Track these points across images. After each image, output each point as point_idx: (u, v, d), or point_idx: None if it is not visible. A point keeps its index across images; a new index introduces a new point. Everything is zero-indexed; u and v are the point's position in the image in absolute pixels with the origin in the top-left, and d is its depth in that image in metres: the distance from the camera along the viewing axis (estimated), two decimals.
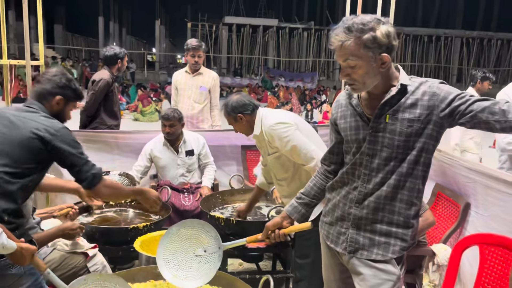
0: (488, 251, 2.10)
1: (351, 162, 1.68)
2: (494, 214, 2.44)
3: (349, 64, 1.51)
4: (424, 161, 1.58)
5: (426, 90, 1.54)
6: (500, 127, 1.42)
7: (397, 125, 1.54)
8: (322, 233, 1.85)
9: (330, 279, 1.88)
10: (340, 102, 1.76)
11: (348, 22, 1.50)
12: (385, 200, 1.61)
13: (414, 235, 1.67)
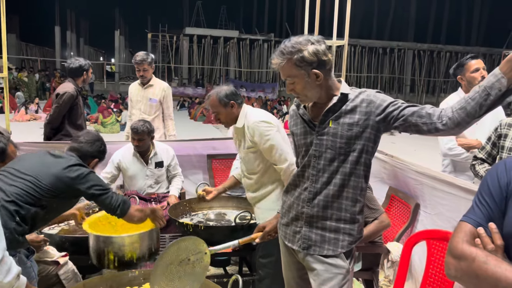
0: (434, 245, 2.32)
1: (301, 165, 1.87)
2: (439, 213, 2.68)
3: (289, 81, 1.74)
4: (364, 162, 1.77)
5: (364, 98, 1.75)
6: (427, 128, 1.62)
7: (339, 129, 1.74)
8: (280, 233, 2.01)
9: (289, 276, 2.04)
10: (292, 113, 1.98)
11: (282, 46, 1.73)
12: (333, 198, 1.79)
13: (360, 230, 1.86)
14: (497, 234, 1.12)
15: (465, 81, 3.07)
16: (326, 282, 1.79)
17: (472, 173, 2.77)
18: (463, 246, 1.13)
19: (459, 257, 1.13)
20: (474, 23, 34.19)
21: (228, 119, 2.56)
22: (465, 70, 3.04)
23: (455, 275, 1.14)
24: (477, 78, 3.01)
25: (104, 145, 2.43)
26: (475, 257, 1.08)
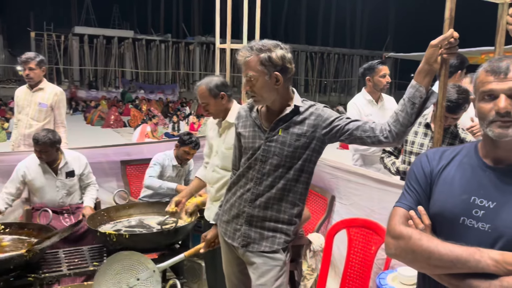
0: (354, 232, 2.55)
1: (246, 166, 1.93)
2: (353, 203, 2.93)
3: (249, 76, 1.78)
4: (307, 170, 1.89)
5: (313, 111, 1.87)
6: (371, 141, 1.78)
7: (288, 138, 1.84)
8: (220, 230, 2.05)
9: (230, 272, 2.10)
10: (241, 114, 2.02)
11: (252, 43, 1.78)
12: (274, 200, 1.88)
13: (296, 231, 1.98)
14: (425, 215, 1.29)
15: (372, 83, 3.39)
16: (264, 274, 1.88)
17: (379, 165, 3.08)
18: (400, 228, 1.28)
19: (397, 237, 1.27)
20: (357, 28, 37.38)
21: (217, 111, 2.49)
22: (374, 73, 3.36)
23: (394, 252, 1.29)
24: (383, 82, 3.36)
25: None
26: (411, 236, 1.24)
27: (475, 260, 1.13)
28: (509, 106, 1.15)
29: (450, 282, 1.19)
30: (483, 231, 1.19)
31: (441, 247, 1.18)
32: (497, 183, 1.21)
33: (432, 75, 1.70)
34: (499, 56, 1.24)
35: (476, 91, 1.25)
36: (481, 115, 1.22)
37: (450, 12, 1.73)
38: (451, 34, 1.63)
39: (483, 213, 1.20)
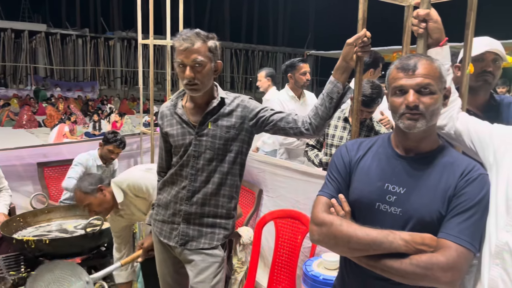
0: (281, 223, 2.64)
1: (178, 164, 1.91)
2: (280, 195, 3.03)
3: (197, 61, 1.74)
4: (240, 162, 1.93)
5: (239, 103, 1.90)
6: (293, 132, 1.86)
7: (218, 131, 1.85)
8: (155, 230, 2.02)
9: (165, 272, 2.07)
10: (165, 113, 1.98)
11: (193, 30, 1.77)
12: (211, 196, 1.89)
13: (234, 224, 2.01)
14: (345, 202, 1.39)
15: (294, 80, 3.52)
16: (203, 271, 1.88)
17: (303, 158, 3.21)
18: (322, 215, 1.37)
19: (320, 224, 1.36)
20: (280, 26, 38.23)
21: (103, 208, 2.41)
22: (295, 70, 3.48)
23: (318, 239, 1.37)
24: (303, 80, 3.50)
25: None
26: (333, 222, 1.33)
27: (389, 242, 1.23)
28: (417, 100, 1.27)
29: (368, 263, 1.29)
30: (396, 215, 1.30)
31: (359, 231, 1.27)
32: (407, 170, 1.33)
33: (349, 71, 1.81)
34: (408, 55, 1.36)
35: (389, 86, 1.36)
36: (393, 108, 1.34)
37: (362, 13, 1.85)
38: (364, 33, 1.75)
39: (395, 198, 1.31)
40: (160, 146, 2.04)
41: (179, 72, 1.80)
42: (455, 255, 1.19)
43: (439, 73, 1.30)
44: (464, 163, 1.31)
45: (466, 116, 1.56)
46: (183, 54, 1.75)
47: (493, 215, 1.24)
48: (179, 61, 1.77)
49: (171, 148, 1.98)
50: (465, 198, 1.25)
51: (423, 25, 1.62)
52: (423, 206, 1.27)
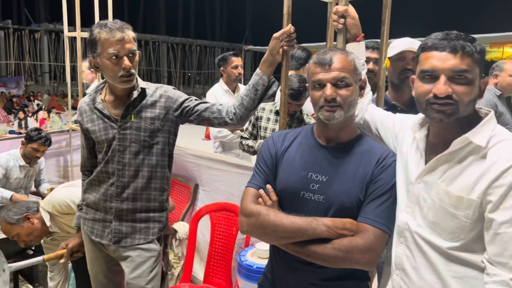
0: (215, 216, 2.66)
1: (104, 161, 1.86)
2: (215, 188, 3.05)
3: (132, 51, 1.73)
4: (168, 153, 1.92)
5: (162, 93, 1.88)
6: (218, 122, 1.88)
7: (142, 123, 1.82)
8: (85, 229, 1.96)
9: (97, 271, 2.01)
10: (84, 109, 1.91)
11: (116, 20, 1.74)
12: (142, 190, 1.86)
13: (167, 216, 2.00)
14: (273, 192, 1.45)
15: (226, 74, 3.54)
16: (139, 266, 1.86)
17: (238, 151, 3.25)
18: (250, 206, 1.41)
19: (248, 215, 1.40)
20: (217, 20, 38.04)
21: (33, 236, 2.33)
22: (227, 64, 3.50)
23: (246, 229, 1.41)
24: (235, 73, 3.53)
25: None
26: (260, 212, 1.37)
27: (312, 228, 1.30)
28: (334, 93, 1.35)
29: (294, 250, 1.35)
30: (319, 202, 1.37)
31: (285, 220, 1.33)
32: (329, 159, 1.41)
33: (275, 65, 1.87)
34: (325, 49, 1.43)
35: (309, 80, 1.43)
36: (313, 101, 1.41)
37: (287, 9, 1.91)
38: (289, 28, 1.81)
39: (318, 187, 1.38)
40: (82, 144, 1.97)
41: (112, 65, 1.72)
42: (372, 238, 1.28)
43: (354, 66, 1.38)
44: (379, 151, 1.41)
45: (374, 107, 1.68)
46: (119, 45, 1.70)
47: (397, 198, 1.35)
48: (113, 52, 1.70)
49: (93, 145, 1.92)
50: (380, 183, 1.34)
51: (342, 20, 1.71)
52: (343, 193, 1.35)
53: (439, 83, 1.16)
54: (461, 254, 1.18)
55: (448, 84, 1.16)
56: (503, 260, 1.09)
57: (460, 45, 1.15)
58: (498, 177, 1.10)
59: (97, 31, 1.71)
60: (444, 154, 1.21)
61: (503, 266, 1.09)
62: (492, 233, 1.11)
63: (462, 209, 1.16)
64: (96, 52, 1.73)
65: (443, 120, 1.18)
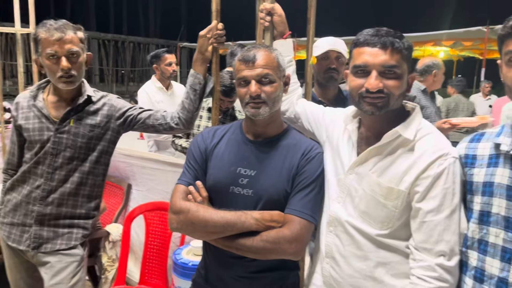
0: (150, 216, 2.62)
1: (33, 161, 1.77)
2: (150, 188, 3.00)
3: (72, 51, 1.68)
4: (104, 161, 1.87)
5: (106, 102, 1.85)
6: (163, 128, 1.87)
7: (80, 129, 1.77)
8: (2, 235, 1.84)
9: (16, 278, 1.91)
10: (21, 104, 1.83)
11: (60, 20, 1.70)
12: (69, 196, 1.79)
13: (94, 224, 1.94)
14: (202, 188, 1.45)
15: (160, 71, 3.49)
16: (59, 272, 1.78)
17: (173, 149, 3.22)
18: (180, 203, 1.41)
19: (178, 212, 1.39)
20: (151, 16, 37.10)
21: None
22: (160, 61, 3.45)
23: (176, 227, 1.41)
24: (169, 71, 3.48)
25: None
26: (189, 209, 1.38)
27: (241, 222, 1.33)
28: (258, 90, 1.38)
29: (224, 244, 1.37)
30: (248, 196, 1.40)
31: (214, 215, 1.34)
32: (256, 154, 1.44)
33: (207, 62, 1.87)
34: (249, 46, 1.46)
35: (235, 78, 1.45)
36: (240, 98, 1.43)
37: (216, 6, 1.92)
38: (216, 25, 1.82)
39: (247, 181, 1.41)
40: (13, 140, 1.87)
41: (50, 65, 1.69)
42: (299, 228, 1.33)
43: (277, 63, 1.42)
44: (304, 144, 1.46)
45: (305, 101, 1.74)
46: (56, 45, 1.66)
47: (328, 188, 1.41)
48: (51, 52, 1.67)
49: (24, 143, 1.82)
50: (305, 175, 1.40)
51: (269, 18, 1.75)
52: (271, 186, 1.39)
53: (370, 77, 1.23)
54: (388, 241, 1.26)
55: (379, 79, 1.22)
56: (429, 246, 1.19)
57: (389, 41, 1.22)
58: (425, 169, 1.19)
59: (38, 31, 1.68)
60: (375, 147, 1.28)
61: (428, 252, 1.19)
62: (419, 221, 1.20)
63: (391, 199, 1.24)
64: (38, 52, 1.71)
65: (375, 113, 1.25)
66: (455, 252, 1.18)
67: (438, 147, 1.21)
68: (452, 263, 1.18)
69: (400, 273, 1.25)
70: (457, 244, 1.18)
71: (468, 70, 9.89)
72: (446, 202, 1.18)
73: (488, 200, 1.18)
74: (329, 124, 1.52)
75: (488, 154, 1.22)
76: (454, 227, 1.18)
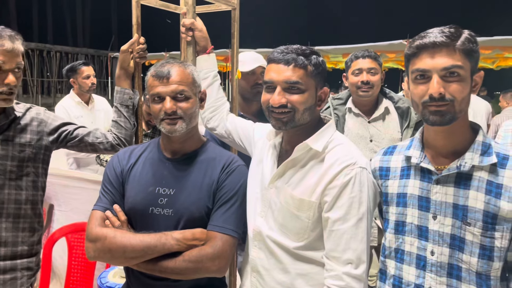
0: (73, 238, 2.47)
1: None
2: (74, 208, 2.84)
3: (19, 65, 1.48)
4: (41, 186, 1.65)
5: (34, 116, 1.63)
6: (103, 147, 1.75)
7: (9, 150, 1.55)
8: None
9: None
10: None
11: (6, 28, 1.48)
12: (6, 232, 1.55)
13: (39, 261, 1.70)
14: (121, 212, 1.40)
15: (77, 85, 3.33)
16: None
17: (95, 166, 3.09)
18: (96, 230, 1.34)
19: (94, 240, 1.33)
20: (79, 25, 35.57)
21: None
22: (77, 74, 3.29)
23: (94, 255, 1.34)
24: (88, 84, 3.33)
25: None
26: (106, 236, 1.32)
27: (162, 244, 1.29)
28: (174, 106, 1.35)
29: (147, 268, 1.32)
30: (168, 216, 1.37)
31: (133, 239, 1.29)
32: (174, 172, 1.41)
33: (130, 77, 1.82)
34: (162, 62, 1.43)
35: (148, 93, 1.41)
36: (154, 114, 1.41)
37: (136, 19, 1.87)
38: (137, 39, 1.78)
39: (166, 200, 1.38)
40: None
41: None
42: (221, 244, 1.32)
43: (192, 79, 1.41)
44: (224, 157, 1.45)
45: (235, 117, 1.75)
46: (6, 56, 1.44)
47: (253, 202, 1.41)
48: None
49: None
50: (226, 189, 1.39)
51: (190, 33, 1.74)
52: (191, 204, 1.37)
53: (275, 93, 1.26)
54: (305, 253, 1.29)
55: (282, 95, 1.25)
56: (337, 254, 1.22)
57: (292, 58, 1.25)
58: (332, 179, 1.23)
59: None
60: (289, 160, 1.31)
61: (337, 260, 1.22)
62: (328, 230, 1.23)
63: (304, 211, 1.26)
64: None
65: (281, 128, 1.28)
66: (362, 260, 1.22)
67: (346, 157, 1.25)
68: (359, 271, 1.21)
69: (319, 283, 1.27)
70: (364, 252, 1.22)
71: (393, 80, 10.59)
72: (353, 211, 1.21)
73: (403, 211, 1.25)
74: (257, 140, 1.54)
75: (400, 166, 1.29)
76: (361, 235, 1.21)
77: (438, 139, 1.19)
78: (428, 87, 1.11)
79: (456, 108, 1.11)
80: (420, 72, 1.13)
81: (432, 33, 1.12)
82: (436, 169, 1.19)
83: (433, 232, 1.18)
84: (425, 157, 1.22)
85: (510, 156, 1.14)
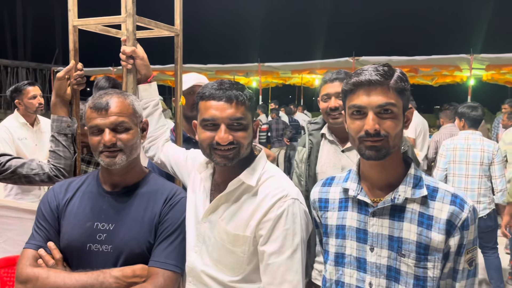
0: (7, 273, 2.30)
1: None
2: (8, 238, 2.65)
3: None
4: None
5: None
6: (40, 179, 1.65)
7: None
8: None
9: None
10: None
11: None
12: None
13: None
14: (55, 249, 1.32)
15: (23, 106, 3.17)
16: None
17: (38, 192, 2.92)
18: (27, 270, 1.25)
19: (25, 282, 1.24)
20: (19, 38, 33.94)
21: None
22: (23, 95, 3.14)
23: None
24: (35, 104, 3.17)
25: None
26: (38, 276, 1.23)
27: (99, 283, 1.23)
28: (113, 138, 1.31)
29: None
30: (107, 252, 1.31)
31: (68, 279, 1.22)
32: (114, 206, 1.36)
33: (67, 104, 1.74)
34: (100, 93, 1.38)
35: (87, 125, 1.36)
36: (93, 146, 1.35)
37: (74, 45, 1.81)
38: (73, 65, 1.71)
39: (105, 236, 1.32)
40: None
41: None
42: (162, 281, 1.27)
43: (133, 109, 1.37)
44: (167, 189, 1.42)
45: (170, 146, 1.71)
46: None
47: (188, 237, 1.38)
48: None
49: None
50: (169, 223, 1.35)
51: (131, 61, 1.69)
52: (132, 239, 1.32)
53: (220, 131, 1.24)
54: (241, 285, 1.28)
55: (228, 132, 1.24)
56: (274, 287, 1.21)
57: (234, 95, 1.25)
58: (266, 212, 1.23)
59: None
60: (222, 194, 1.29)
61: None
62: (264, 263, 1.23)
63: (239, 246, 1.25)
64: None
65: (227, 164, 1.27)
66: None
67: (277, 190, 1.26)
68: None
69: None
70: (300, 283, 1.23)
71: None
72: (287, 243, 1.22)
73: (342, 242, 1.26)
74: (191, 170, 1.51)
75: (338, 198, 1.31)
76: (296, 266, 1.22)
77: (373, 172, 1.23)
78: (364, 122, 1.14)
79: (390, 143, 1.14)
80: (357, 108, 1.16)
81: (367, 70, 1.16)
82: (372, 202, 1.22)
83: (370, 264, 1.21)
84: (362, 190, 1.25)
85: (439, 188, 1.20)
